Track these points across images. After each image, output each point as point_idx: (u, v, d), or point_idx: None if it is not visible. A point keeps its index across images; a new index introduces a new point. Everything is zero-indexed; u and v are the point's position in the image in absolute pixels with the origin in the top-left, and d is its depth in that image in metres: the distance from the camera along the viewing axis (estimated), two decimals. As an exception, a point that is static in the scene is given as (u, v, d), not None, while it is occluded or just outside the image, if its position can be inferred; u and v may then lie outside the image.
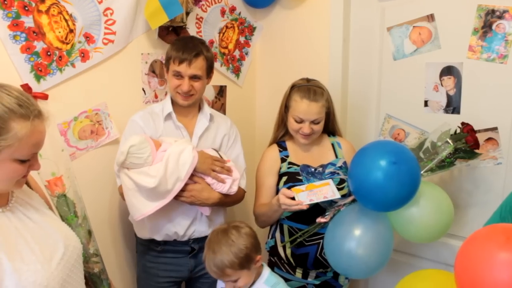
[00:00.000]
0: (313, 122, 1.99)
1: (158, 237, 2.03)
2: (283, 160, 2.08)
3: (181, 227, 2.01)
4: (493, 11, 2.01)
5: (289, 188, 1.95)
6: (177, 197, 1.90)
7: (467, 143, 1.91)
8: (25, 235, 1.23)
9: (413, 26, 2.24)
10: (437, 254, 2.32)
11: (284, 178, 2.03)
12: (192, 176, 1.92)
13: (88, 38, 2.00)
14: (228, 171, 2.01)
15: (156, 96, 2.31)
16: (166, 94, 2.33)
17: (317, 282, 2.09)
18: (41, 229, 1.28)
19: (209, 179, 1.97)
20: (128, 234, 2.31)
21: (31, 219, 1.28)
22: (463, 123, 1.96)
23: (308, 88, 2.01)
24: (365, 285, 2.63)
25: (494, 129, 2.10)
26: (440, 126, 1.98)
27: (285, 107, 2.07)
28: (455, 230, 2.25)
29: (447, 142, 1.91)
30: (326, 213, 1.93)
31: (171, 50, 2.00)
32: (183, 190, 1.90)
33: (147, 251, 2.10)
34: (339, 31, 2.44)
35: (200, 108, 2.13)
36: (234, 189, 2.01)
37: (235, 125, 2.24)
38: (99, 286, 1.55)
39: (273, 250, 2.13)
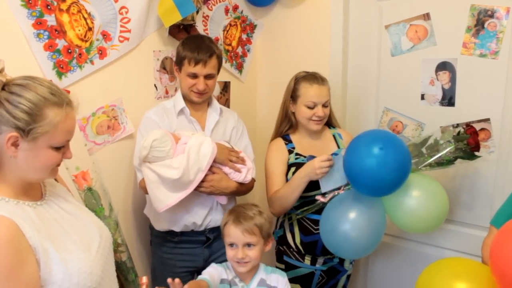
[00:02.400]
0: (324, 105, 2.12)
1: (177, 228, 2.11)
2: (290, 151, 2.18)
3: (199, 217, 2.10)
4: (485, 10, 2.16)
5: None
6: (197, 187, 1.98)
7: (469, 145, 2.01)
8: (64, 226, 1.28)
9: (410, 24, 2.38)
10: (432, 238, 2.46)
11: (293, 169, 2.13)
12: (210, 167, 2.00)
13: (105, 36, 2.07)
14: (243, 161, 2.11)
15: (167, 92, 2.39)
16: (176, 90, 2.41)
17: (324, 268, 2.20)
18: (76, 219, 1.34)
19: (226, 169, 2.06)
20: (141, 227, 2.38)
21: (65, 211, 1.33)
22: (467, 125, 2.07)
23: (313, 75, 2.15)
24: (365, 269, 2.76)
25: (487, 120, 2.25)
26: (444, 127, 2.10)
27: (292, 99, 2.17)
28: (450, 215, 2.39)
29: (449, 141, 2.01)
30: (326, 194, 2.03)
31: (184, 51, 2.05)
32: (202, 181, 1.99)
33: (163, 243, 2.18)
34: (339, 29, 2.56)
35: (209, 103, 2.22)
36: (249, 178, 2.12)
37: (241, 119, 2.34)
38: (127, 274, 1.60)
39: (281, 240, 2.23)
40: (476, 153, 2.07)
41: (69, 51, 1.95)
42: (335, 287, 2.28)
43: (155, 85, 2.34)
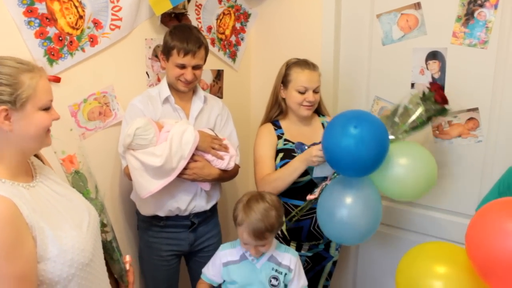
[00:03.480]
0: (314, 91, 2.15)
1: (161, 213, 2.16)
2: (279, 137, 2.21)
3: (183, 202, 2.15)
4: (475, 0, 2.17)
5: (285, 164, 2.12)
6: (180, 174, 2.03)
7: (436, 101, 1.99)
8: (57, 206, 1.33)
9: (401, 14, 2.39)
10: (421, 226, 2.49)
11: (281, 155, 2.16)
12: (193, 155, 2.05)
13: (97, 24, 2.10)
14: (226, 148, 2.15)
15: (158, 79, 2.42)
16: (158, 78, 2.44)
17: (309, 254, 2.24)
18: (67, 200, 1.39)
19: (208, 156, 2.11)
20: (129, 211, 2.43)
21: (56, 192, 1.38)
22: (430, 83, 2.05)
23: (305, 61, 2.19)
24: (355, 256, 2.80)
25: (475, 109, 2.26)
26: (411, 91, 2.09)
27: (283, 84, 2.20)
28: (438, 203, 2.44)
29: (417, 103, 2.00)
30: (315, 190, 2.06)
31: (173, 41, 2.06)
32: (185, 168, 2.04)
33: (149, 227, 2.23)
34: (331, 18, 2.58)
35: (194, 91, 2.26)
36: (231, 165, 2.16)
37: (227, 107, 2.37)
38: (112, 253, 1.63)
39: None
40: (446, 106, 2.03)
41: (60, 38, 1.99)
42: (321, 273, 2.32)
43: (147, 72, 2.37)
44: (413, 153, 1.97)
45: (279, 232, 2.20)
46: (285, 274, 1.85)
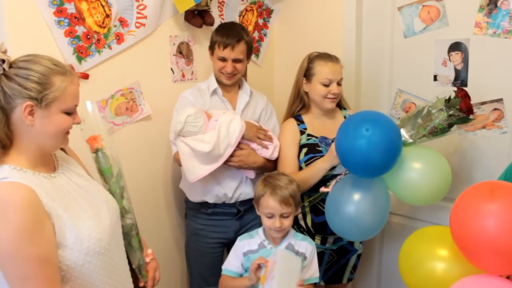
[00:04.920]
0: (338, 83, 2.18)
1: (210, 199, 2.26)
2: (302, 132, 2.23)
3: (230, 189, 2.25)
4: (498, -11, 2.15)
5: (310, 159, 2.15)
6: (226, 162, 2.14)
7: (461, 110, 1.97)
8: (76, 197, 1.40)
9: (422, 5, 2.38)
10: (447, 219, 2.47)
11: (305, 150, 2.19)
12: (239, 143, 2.15)
13: (122, 22, 2.19)
14: (270, 139, 2.24)
15: (183, 76, 2.49)
16: (192, 73, 2.52)
17: (334, 247, 2.26)
18: (86, 192, 1.45)
19: (254, 145, 2.21)
20: (176, 200, 2.58)
21: (76, 184, 1.44)
22: (458, 88, 2.02)
23: (327, 53, 2.23)
24: (380, 249, 2.80)
25: (500, 100, 2.24)
26: (438, 93, 2.06)
27: (306, 78, 2.23)
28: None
29: (441, 109, 1.98)
30: (328, 183, 2.08)
31: (216, 36, 2.24)
32: (232, 155, 2.15)
33: (197, 214, 2.35)
34: (353, 11, 2.59)
35: (240, 86, 2.37)
36: (275, 155, 2.24)
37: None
38: (130, 239, 1.69)
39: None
40: (470, 116, 2.01)
41: (88, 37, 2.08)
42: (346, 266, 2.33)
43: (171, 69, 2.44)
44: (428, 159, 1.97)
45: (304, 226, 2.23)
46: (301, 261, 1.89)
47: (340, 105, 2.33)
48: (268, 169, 2.31)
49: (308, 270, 1.95)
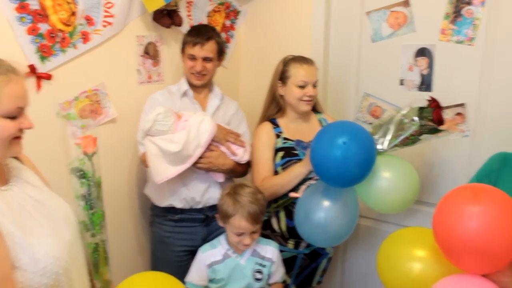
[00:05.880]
0: (313, 85, 2.18)
1: (177, 203, 2.20)
2: (277, 136, 2.21)
3: (197, 192, 2.20)
4: (463, -2, 2.22)
5: (287, 162, 2.14)
6: (195, 164, 2.10)
7: (433, 121, 2.00)
8: (31, 211, 1.26)
9: (391, 11, 2.43)
10: (412, 220, 2.52)
11: (281, 153, 2.18)
12: (209, 145, 2.12)
13: (89, 20, 2.09)
14: (241, 142, 2.21)
15: (150, 77, 2.42)
16: (159, 75, 2.45)
17: (307, 251, 2.25)
18: (43, 206, 1.31)
19: (223, 148, 2.17)
20: (141, 206, 2.49)
21: (31, 197, 1.30)
22: (431, 98, 2.05)
23: (302, 56, 2.22)
24: (344, 252, 2.83)
25: (462, 105, 2.31)
26: (410, 102, 2.08)
27: (281, 81, 2.21)
28: (425, 198, 2.47)
29: (413, 120, 2.01)
30: (298, 188, 2.08)
31: (187, 37, 2.24)
32: (201, 157, 2.10)
33: (163, 221, 2.28)
34: (321, 14, 2.60)
35: (210, 89, 2.34)
36: (245, 158, 2.22)
37: None
38: (97, 259, 1.60)
39: (265, 224, 2.24)
40: (440, 127, 2.05)
41: (52, 35, 1.97)
42: (316, 269, 2.33)
43: (138, 70, 2.36)
44: (398, 168, 2.01)
45: (278, 230, 2.22)
46: (268, 266, 1.91)
47: (315, 109, 2.33)
48: (238, 173, 2.29)
49: (276, 273, 1.97)
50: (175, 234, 2.27)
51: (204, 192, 2.22)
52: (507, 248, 1.38)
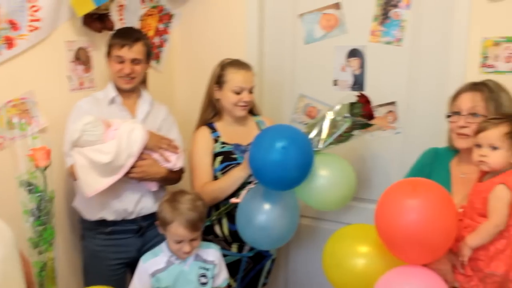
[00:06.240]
0: (249, 91, 2.17)
1: (109, 216, 2.11)
2: (215, 140, 2.20)
3: (130, 203, 2.13)
4: (390, 0, 2.32)
5: (226, 167, 2.13)
6: (127, 173, 2.02)
7: (363, 116, 2.05)
8: None
9: (322, 13, 2.49)
10: (351, 217, 2.58)
11: (219, 158, 2.16)
12: (141, 153, 2.04)
13: (13, 24, 1.97)
14: (174, 148, 2.16)
15: (81, 84, 2.32)
16: (92, 81, 2.37)
17: (251, 254, 2.25)
18: None
19: (156, 156, 2.11)
20: (70, 220, 2.35)
21: None
22: (360, 94, 2.11)
23: (240, 61, 2.21)
24: (286, 252, 2.85)
25: (393, 103, 2.42)
26: (341, 99, 2.13)
27: (218, 85, 2.20)
28: (365, 194, 2.55)
29: (345, 117, 2.04)
30: (238, 194, 2.08)
31: (112, 39, 2.15)
32: (133, 166, 2.03)
33: (95, 235, 2.18)
34: (254, 17, 2.62)
35: (140, 94, 2.27)
36: (179, 165, 2.17)
37: None
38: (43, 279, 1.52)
39: (208, 229, 2.22)
40: (371, 121, 2.11)
41: (-27, 41, 1.84)
42: (261, 271, 2.34)
43: (69, 76, 2.26)
44: (334, 166, 2.06)
45: (221, 234, 2.20)
46: (212, 269, 1.91)
47: (252, 111, 2.33)
48: (172, 180, 2.25)
49: (220, 276, 1.95)
50: (108, 247, 2.18)
51: (137, 203, 2.15)
52: (445, 237, 1.46)
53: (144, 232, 2.20)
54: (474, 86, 1.78)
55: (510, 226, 1.51)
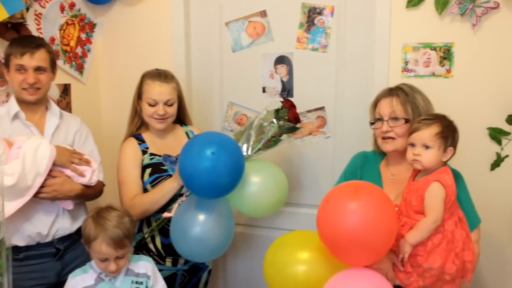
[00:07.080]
0: (167, 103, 2.10)
1: (21, 242, 1.94)
2: (144, 152, 2.13)
3: (44, 226, 1.97)
4: (314, 8, 2.37)
5: (156, 179, 2.07)
6: (37, 194, 1.86)
7: (289, 120, 2.06)
8: None
9: (249, 21, 2.50)
10: (284, 222, 2.61)
11: (149, 170, 2.10)
12: (50, 171, 1.89)
13: None
14: (87, 163, 2.03)
15: (8, 96, 2.18)
16: (8, 95, 2.20)
17: (186, 267, 2.20)
18: None
19: (68, 172, 1.96)
20: None
21: None
22: (284, 99, 2.13)
23: (158, 72, 2.15)
24: (223, 262, 2.82)
25: (322, 108, 2.46)
26: (267, 105, 2.15)
27: (138, 96, 2.14)
28: (297, 199, 2.58)
29: (272, 122, 2.06)
30: (170, 207, 2.03)
31: (11, 48, 1.97)
32: (42, 186, 1.87)
33: None
34: (181, 26, 2.60)
35: (47, 107, 2.10)
36: (94, 180, 2.04)
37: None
38: None
39: (140, 244, 2.16)
40: (298, 125, 2.13)
41: None
42: (198, 284, 2.29)
43: (-18, 90, 2.12)
44: (265, 172, 2.06)
45: (154, 249, 2.14)
46: (145, 282, 1.83)
47: (183, 121, 2.29)
48: (90, 196, 2.12)
49: (159, 284, 1.88)
50: (23, 275, 1.97)
51: (51, 224, 2.00)
52: (388, 237, 1.49)
53: (63, 254, 2.05)
54: (391, 92, 1.85)
55: (444, 221, 1.57)
